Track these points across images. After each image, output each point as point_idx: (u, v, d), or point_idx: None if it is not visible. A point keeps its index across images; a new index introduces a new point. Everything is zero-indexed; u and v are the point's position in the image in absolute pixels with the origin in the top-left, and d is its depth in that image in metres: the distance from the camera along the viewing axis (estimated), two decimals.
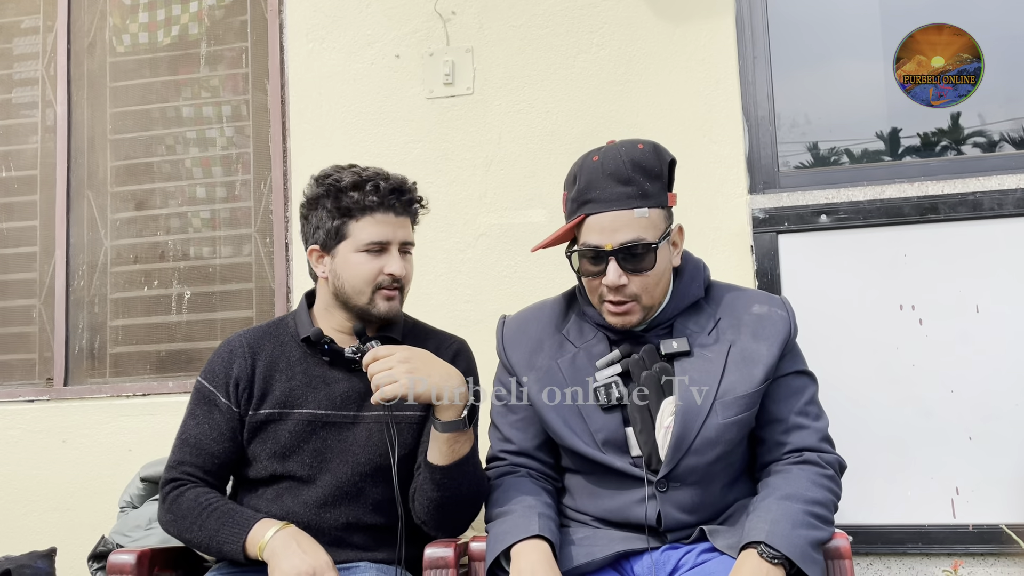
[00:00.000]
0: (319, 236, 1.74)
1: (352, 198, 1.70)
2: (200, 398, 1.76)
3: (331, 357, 1.74)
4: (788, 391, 1.58)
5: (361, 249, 1.71)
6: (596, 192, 1.54)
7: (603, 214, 1.53)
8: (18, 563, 2.28)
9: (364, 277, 1.71)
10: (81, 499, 2.75)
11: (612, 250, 1.52)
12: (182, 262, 2.94)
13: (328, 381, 1.74)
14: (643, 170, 1.54)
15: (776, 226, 2.42)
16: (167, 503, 1.70)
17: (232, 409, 1.73)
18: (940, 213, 2.34)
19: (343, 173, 1.73)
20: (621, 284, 1.53)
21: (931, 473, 2.28)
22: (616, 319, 1.58)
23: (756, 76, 2.53)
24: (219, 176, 2.96)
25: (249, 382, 1.74)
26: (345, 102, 2.75)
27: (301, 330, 1.77)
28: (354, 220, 1.71)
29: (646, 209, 1.53)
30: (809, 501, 1.46)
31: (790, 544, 1.37)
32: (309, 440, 1.71)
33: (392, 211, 1.73)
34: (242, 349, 1.77)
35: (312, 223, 1.75)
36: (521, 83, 2.64)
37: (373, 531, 1.71)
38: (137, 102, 3.02)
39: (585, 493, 1.61)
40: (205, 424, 1.74)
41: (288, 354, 1.77)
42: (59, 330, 2.95)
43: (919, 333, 2.33)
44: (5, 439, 2.84)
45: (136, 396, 2.82)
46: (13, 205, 3.07)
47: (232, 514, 1.63)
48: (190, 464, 1.72)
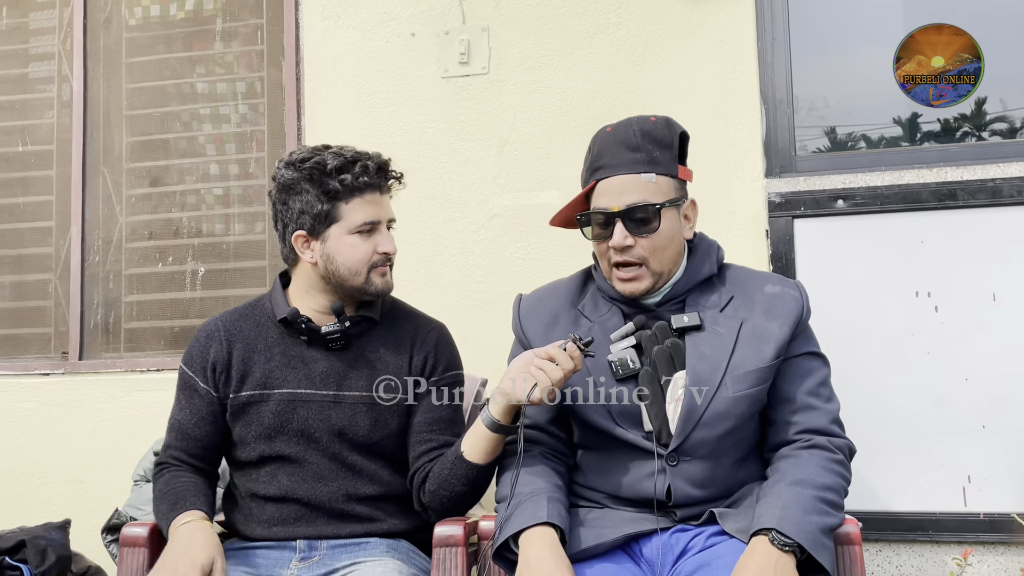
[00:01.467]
0: (304, 221, 1.71)
1: (341, 180, 1.68)
2: (182, 383, 1.79)
3: (308, 336, 1.75)
4: (799, 372, 1.58)
5: (354, 231, 1.70)
6: (606, 159, 1.59)
7: (612, 178, 1.58)
8: (33, 534, 2.31)
9: (360, 258, 1.71)
10: (95, 472, 2.78)
11: (618, 211, 1.56)
12: (196, 239, 2.95)
13: (307, 360, 1.75)
14: (652, 139, 1.59)
15: (792, 210, 2.40)
16: (153, 481, 1.78)
17: (211, 393, 1.75)
18: (959, 199, 2.31)
19: (325, 155, 1.70)
20: (627, 245, 1.56)
21: (943, 461, 2.27)
22: (625, 285, 1.59)
23: (775, 58, 2.50)
24: (233, 153, 2.96)
25: (226, 365, 1.76)
26: (360, 80, 2.74)
27: (278, 311, 1.77)
28: (343, 203, 1.70)
29: (654, 175, 1.57)
30: (820, 487, 1.46)
31: (801, 531, 1.37)
32: (292, 419, 1.72)
33: (379, 190, 1.74)
34: (218, 333, 1.78)
35: (294, 208, 1.71)
36: (537, 63, 2.62)
37: (374, 501, 1.73)
38: (152, 78, 3.02)
39: (596, 470, 1.62)
40: (187, 409, 1.77)
41: (265, 335, 1.78)
42: (74, 305, 2.97)
43: (935, 320, 2.31)
44: (21, 411, 2.87)
45: (150, 371, 2.85)
46: (29, 180, 3.08)
47: (177, 501, 1.66)
48: (175, 448, 1.77)
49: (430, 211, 2.65)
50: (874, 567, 2.29)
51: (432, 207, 2.65)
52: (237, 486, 1.77)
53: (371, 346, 1.77)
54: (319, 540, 1.69)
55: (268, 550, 1.69)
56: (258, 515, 1.72)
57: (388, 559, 1.65)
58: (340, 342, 1.74)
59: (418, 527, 1.75)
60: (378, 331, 1.79)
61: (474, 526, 1.69)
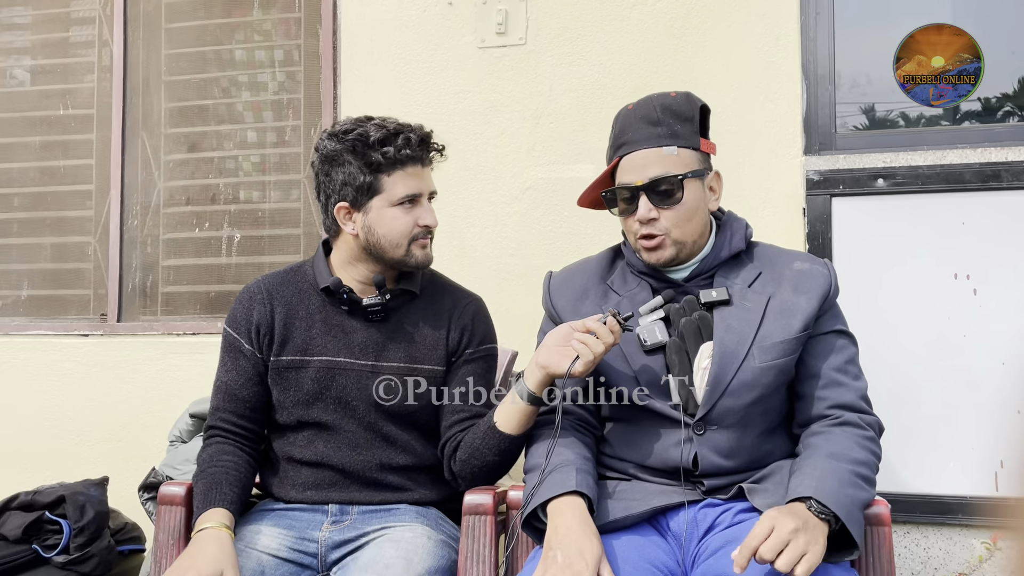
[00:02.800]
0: (347, 193, 1.71)
1: (384, 152, 1.68)
2: (227, 346, 1.79)
3: (349, 307, 1.76)
4: (828, 348, 1.59)
5: (396, 203, 1.71)
6: (629, 135, 1.61)
7: (634, 153, 1.60)
8: (72, 490, 2.37)
9: (401, 231, 1.72)
10: (132, 431, 2.84)
11: (641, 185, 1.58)
12: (232, 205, 2.98)
13: (347, 330, 1.76)
14: (672, 113, 1.61)
15: (831, 189, 2.37)
16: (200, 448, 1.78)
17: (256, 355, 1.77)
18: (1002, 181, 2.27)
19: (368, 127, 1.70)
20: (652, 218, 1.58)
21: (975, 445, 2.25)
22: (649, 255, 1.61)
23: (818, 33, 2.45)
24: (270, 121, 2.98)
25: (269, 328, 1.77)
26: (396, 50, 2.73)
27: (320, 280, 1.78)
28: (386, 175, 1.70)
29: (675, 148, 1.59)
30: (854, 461, 1.45)
31: (838, 502, 1.37)
32: (330, 387, 1.74)
33: (421, 163, 1.74)
34: (261, 295, 1.79)
35: (336, 179, 1.72)
36: (575, 34, 2.59)
37: (406, 471, 1.75)
38: (191, 44, 3.04)
39: (624, 440, 1.63)
40: (233, 371, 1.77)
41: (307, 302, 1.79)
42: (113, 268, 3.02)
43: (973, 303, 2.28)
44: (61, 370, 2.94)
45: (186, 335, 2.89)
46: (69, 143, 3.12)
47: (208, 491, 1.66)
48: (224, 411, 1.76)
49: (464, 182, 2.65)
50: (901, 548, 2.28)
51: (466, 178, 2.65)
52: (274, 448, 1.80)
53: (410, 319, 1.79)
54: (351, 505, 1.72)
55: (301, 512, 1.72)
56: (293, 478, 1.75)
57: (417, 524, 1.68)
58: (380, 314, 1.76)
59: (447, 497, 1.78)
60: (417, 304, 1.81)
61: (503, 495, 1.71)
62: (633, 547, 1.48)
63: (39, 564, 2.27)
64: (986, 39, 2.39)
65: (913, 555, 2.29)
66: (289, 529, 1.68)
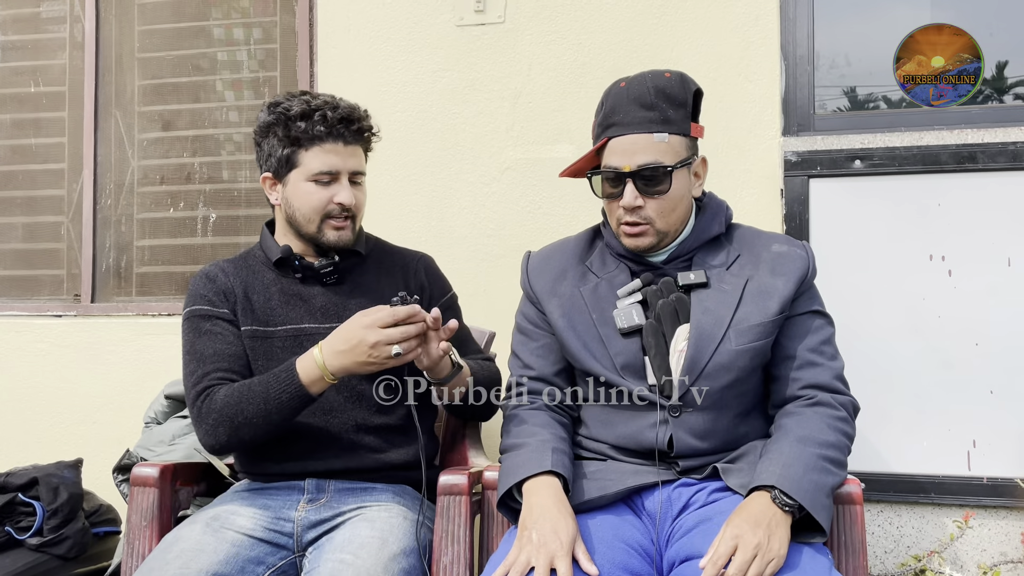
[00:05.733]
0: (271, 164, 1.76)
1: (300, 127, 1.70)
2: (198, 319, 1.74)
3: (303, 273, 1.78)
4: (804, 329, 1.59)
5: (311, 178, 1.72)
6: (619, 116, 1.57)
7: (624, 137, 1.56)
8: (45, 472, 2.35)
9: (313, 206, 1.73)
10: (107, 413, 2.82)
11: (629, 172, 1.56)
12: (208, 185, 2.94)
13: (304, 297, 1.78)
14: (667, 96, 1.56)
15: (808, 170, 2.37)
16: (202, 412, 1.63)
17: (233, 318, 1.75)
18: (978, 162, 2.28)
19: (293, 102, 1.73)
20: (636, 206, 1.56)
21: (949, 424, 2.28)
22: (629, 240, 1.60)
23: (797, 13, 2.45)
24: (246, 99, 2.94)
25: (235, 298, 1.77)
26: (374, 27, 2.70)
27: (270, 253, 1.80)
28: (303, 149, 1.72)
29: (666, 135, 1.56)
30: (823, 444, 1.46)
31: (801, 489, 1.38)
32: (299, 354, 1.69)
33: (342, 140, 1.73)
34: (217, 273, 1.80)
35: (264, 150, 1.76)
36: (554, 12, 2.57)
37: (382, 432, 1.75)
38: (165, 20, 2.99)
39: (600, 422, 1.63)
40: (217, 336, 1.72)
41: (262, 277, 1.80)
42: (86, 248, 2.98)
43: (947, 284, 2.29)
44: (34, 352, 2.90)
45: (161, 316, 2.87)
46: (41, 121, 3.07)
47: (270, 376, 1.61)
48: (216, 371, 1.67)
49: (442, 162, 2.63)
50: (874, 527, 2.31)
51: (444, 158, 2.63)
52: None
53: (364, 279, 1.82)
54: (327, 480, 1.71)
55: (276, 491, 1.71)
56: (270, 453, 1.73)
57: (394, 505, 1.67)
58: (334, 275, 1.78)
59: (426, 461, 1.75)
60: (368, 265, 1.85)
61: (478, 475, 1.71)
62: (608, 527, 1.49)
63: (12, 546, 2.25)
64: (963, 21, 2.39)
65: (886, 533, 2.31)
66: (265, 509, 1.67)
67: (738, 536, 1.32)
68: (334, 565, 1.51)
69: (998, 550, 2.25)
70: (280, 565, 1.62)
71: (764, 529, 1.33)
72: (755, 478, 1.43)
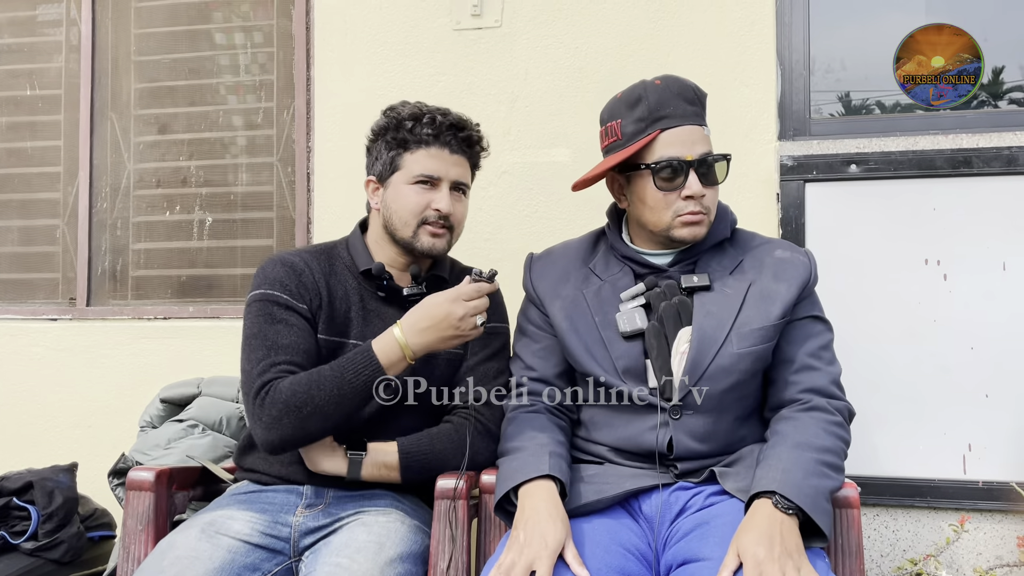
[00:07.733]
0: (377, 168, 1.77)
1: (408, 129, 1.71)
2: (276, 305, 1.66)
3: (387, 294, 1.75)
4: (803, 334, 1.60)
5: (412, 181, 1.72)
6: (670, 109, 1.59)
7: (679, 128, 1.58)
8: (41, 476, 2.34)
9: (411, 209, 1.72)
10: (102, 417, 2.81)
11: (693, 160, 1.57)
12: (204, 188, 2.94)
13: (383, 317, 1.74)
14: (698, 94, 1.63)
15: (804, 174, 2.38)
16: (265, 403, 1.55)
17: (311, 317, 1.68)
18: (973, 167, 2.29)
19: (405, 106, 1.75)
20: (703, 194, 1.58)
21: (945, 429, 2.28)
22: (689, 230, 1.59)
23: (793, 19, 2.45)
24: (242, 103, 2.94)
25: (319, 300, 1.70)
26: (370, 31, 2.70)
27: (359, 261, 1.76)
28: (408, 152, 1.72)
29: (707, 129, 1.62)
30: (820, 449, 1.46)
31: (802, 494, 1.38)
32: None
33: (447, 147, 1.73)
34: (302, 266, 1.72)
35: (372, 155, 1.79)
36: (550, 17, 2.58)
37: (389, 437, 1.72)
38: (160, 23, 2.99)
39: (601, 424, 1.63)
40: (294, 328, 1.64)
41: (344, 283, 1.76)
42: (82, 251, 2.97)
43: (943, 288, 2.30)
44: (29, 356, 2.89)
45: (157, 319, 2.86)
46: (37, 124, 3.07)
47: (343, 359, 1.56)
48: (286, 363, 1.59)
49: None
50: (871, 531, 2.31)
51: None
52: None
53: None
54: (327, 489, 1.70)
55: (275, 494, 1.71)
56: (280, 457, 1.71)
57: (392, 510, 1.67)
58: (416, 301, 1.71)
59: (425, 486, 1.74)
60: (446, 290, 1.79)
61: (475, 479, 1.71)
62: (605, 530, 1.48)
63: (7, 551, 2.24)
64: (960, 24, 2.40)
65: (882, 537, 2.32)
66: (262, 513, 1.66)
67: (746, 555, 1.30)
68: (331, 569, 1.50)
69: (994, 554, 2.25)
70: (276, 571, 1.61)
71: (767, 545, 1.30)
72: (755, 484, 1.43)
